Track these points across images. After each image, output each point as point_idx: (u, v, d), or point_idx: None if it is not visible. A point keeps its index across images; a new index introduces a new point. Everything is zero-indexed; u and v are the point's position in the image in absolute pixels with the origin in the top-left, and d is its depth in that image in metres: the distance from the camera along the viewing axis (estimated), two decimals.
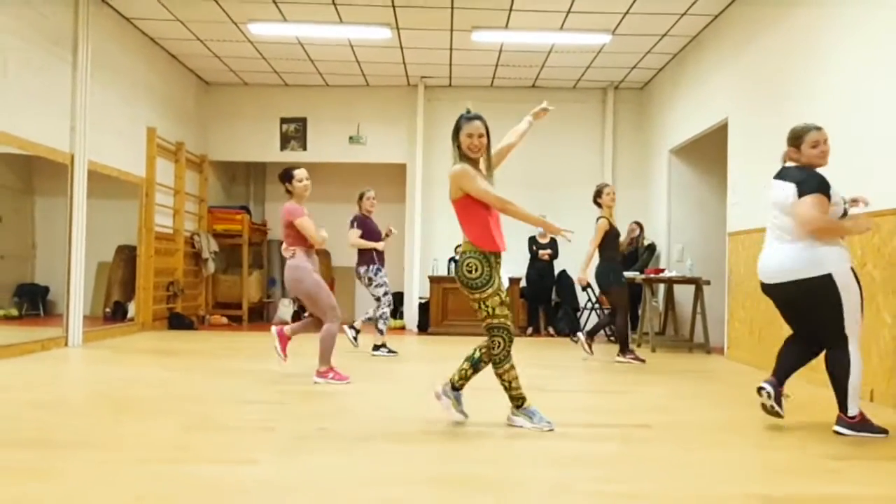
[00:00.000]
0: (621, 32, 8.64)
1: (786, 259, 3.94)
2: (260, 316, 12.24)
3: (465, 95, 10.98)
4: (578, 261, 7.54)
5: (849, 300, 3.85)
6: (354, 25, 8.54)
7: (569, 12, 8.07)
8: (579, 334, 7.46)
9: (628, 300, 7.30)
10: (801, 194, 3.85)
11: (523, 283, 10.29)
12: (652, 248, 9.83)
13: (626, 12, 8.02)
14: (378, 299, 7.37)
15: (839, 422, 3.92)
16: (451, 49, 9.46)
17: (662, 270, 8.84)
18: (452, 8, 8.03)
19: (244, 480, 2.88)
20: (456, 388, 4.09)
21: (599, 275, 7.27)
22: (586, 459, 3.34)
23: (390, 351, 7.33)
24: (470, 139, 3.97)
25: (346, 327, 7.14)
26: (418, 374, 6.28)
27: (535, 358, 7.35)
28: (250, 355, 6.76)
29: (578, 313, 10.33)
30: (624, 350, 7.19)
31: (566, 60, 9.82)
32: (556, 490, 2.84)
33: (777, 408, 4.08)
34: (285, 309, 11.75)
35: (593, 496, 2.78)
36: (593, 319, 10.28)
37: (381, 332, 7.38)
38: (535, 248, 10.12)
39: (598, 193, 7.21)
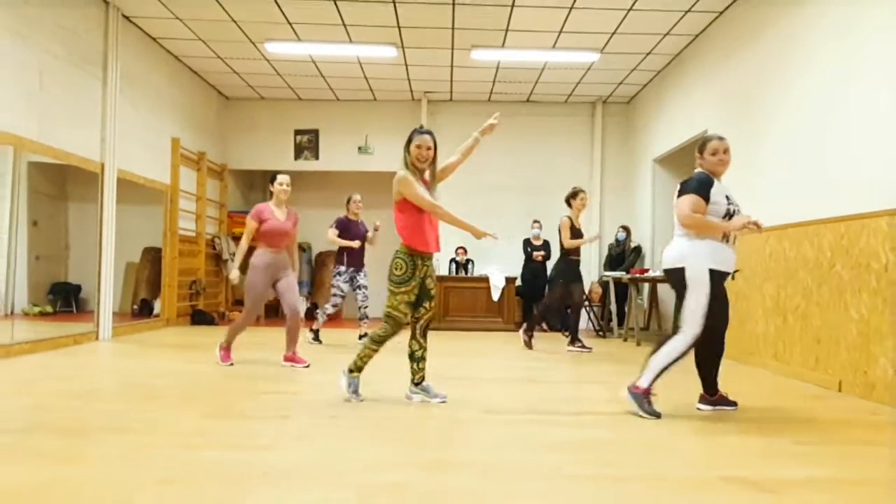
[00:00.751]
0: (609, 51, 8.66)
1: (668, 250, 4.10)
2: (276, 312, 12.24)
3: (465, 109, 11.03)
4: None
5: (692, 297, 3.90)
6: (363, 45, 8.57)
7: (561, 32, 8.08)
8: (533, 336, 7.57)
9: (567, 296, 7.37)
10: (680, 193, 4.01)
11: (518, 283, 10.30)
12: (638, 250, 9.84)
13: (614, 32, 8.04)
14: (333, 295, 7.47)
15: (629, 388, 4.07)
16: (452, 66, 9.47)
17: (647, 270, 8.85)
18: (453, 28, 8.05)
19: (261, 464, 2.89)
20: (417, 383, 4.33)
21: (554, 267, 7.42)
22: (576, 445, 3.35)
23: (316, 338, 7.54)
24: (419, 150, 4.14)
25: (307, 331, 7.52)
26: None
27: (527, 351, 7.35)
28: (267, 349, 6.77)
29: (569, 310, 10.31)
30: (573, 340, 7.44)
31: (558, 77, 9.83)
32: (547, 473, 2.85)
33: (724, 407, 4.22)
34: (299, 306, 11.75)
35: (582, 479, 2.79)
36: (583, 316, 10.28)
37: (318, 320, 7.62)
38: (529, 249, 10.13)
39: (572, 195, 7.28)
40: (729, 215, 3.94)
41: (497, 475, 2.81)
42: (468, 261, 10.63)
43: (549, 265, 10.26)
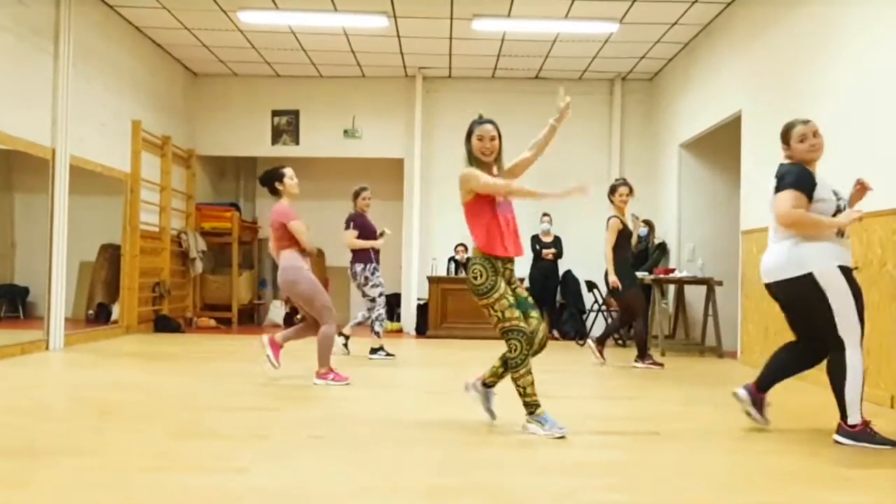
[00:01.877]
0: (629, 21, 8.65)
1: (773, 258, 4.01)
2: (250, 318, 12.26)
3: (465, 87, 11.03)
4: (583, 260, 7.53)
5: (836, 300, 3.81)
6: (350, 13, 8.55)
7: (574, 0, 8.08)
8: (589, 341, 7.45)
9: (645, 302, 7.29)
10: (777, 190, 3.93)
11: (526, 284, 10.29)
12: (663, 247, 9.83)
13: (635, 0, 8.04)
14: (373, 300, 7.40)
15: (839, 430, 3.92)
16: (450, 38, 9.46)
17: (673, 270, 8.85)
18: None
19: (234, 490, 2.89)
20: (486, 384, 4.32)
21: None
22: (592, 467, 3.35)
23: (388, 354, 7.35)
24: (481, 142, 4.07)
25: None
26: (416, 379, 6.29)
27: (539, 362, 7.32)
28: (240, 359, 6.77)
29: (584, 316, 10.32)
30: (643, 355, 7.21)
31: (571, 50, 9.82)
32: (560, 499, 2.85)
33: (756, 415, 4.15)
34: (276, 311, 11.76)
35: None
36: (600, 322, 10.30)
37: (377, 334, 7.40)
38: (538, 247, 10.12)
39: (611, 191, 7.25)
40: (839, 212, 3.89)
41: (501, 501, 2.81)
42: (469, 259, 10.62)
43: (561, 265, 10.32)
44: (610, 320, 10.04)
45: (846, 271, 3.86)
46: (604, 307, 10.07)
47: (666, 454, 3.63)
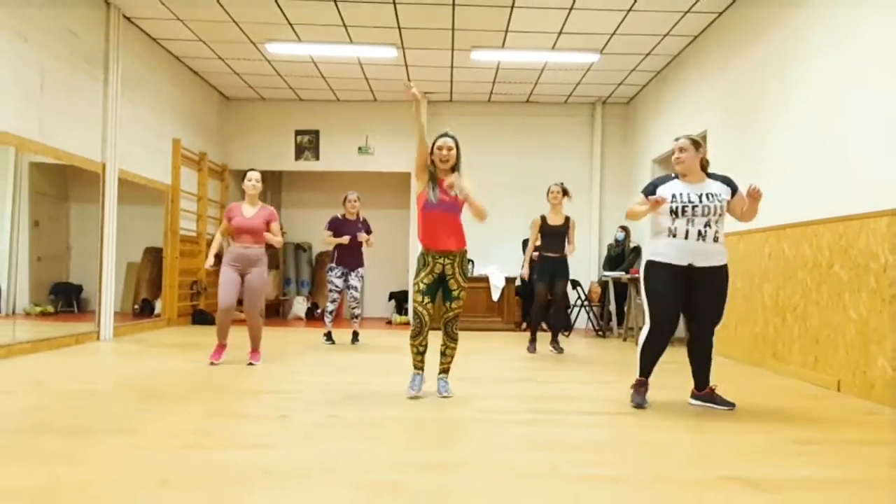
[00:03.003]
0: (609, 52, 8.65)
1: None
2: (276, 312, 12.27)
3: (465, 110, 11.03)
4: (571, 262, 7.52)
5: (642, 288, 4.25)
6: (363, 45, 8.56)
7: (560, 33, 8.08)
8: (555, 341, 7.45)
9: (539, 295, 7.30)
10: None
11: (518, 283, 10.29)
12: (637, 250, 9.82)
13: (613, 33, 8.04)
14: (329, 292, 7.55)
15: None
16: (452, 67, 9.47)
17: None
18: (453, 29, 8.05)
19: (261, 464, 2.89)
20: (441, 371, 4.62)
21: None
22: (575, 444, 3.35)
23: (328, 339, 7.53)
24: (440, 151, 4.37)
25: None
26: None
27: (527, 351, 7.35)
28: (267, 348, 6.77)
29: (569, 310, 10.32)
30: (533, 340, 7.33)
31: (558, 77, 9.83)
32: (546, 473, 2.85)
33: (715, 406, 4.26)
34: (299, 306, 11.78)
35: (581, 479, 2.79)
36: (583, 316, 10.29)
37: (325, 322, 7.67)
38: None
39: (547, 192, 7.28)
40: (673, 213, 4.14)
41: (496, 475, 2.81)
42: (469, 261, 10.62)
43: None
44: (591, 314, 10.04)
45: (657, 266, 4.15)
46: (586, 303, 10.07)
47: (642, 432, 3.63)
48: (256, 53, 8.99)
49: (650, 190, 4.31)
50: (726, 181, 4.25)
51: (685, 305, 4.19)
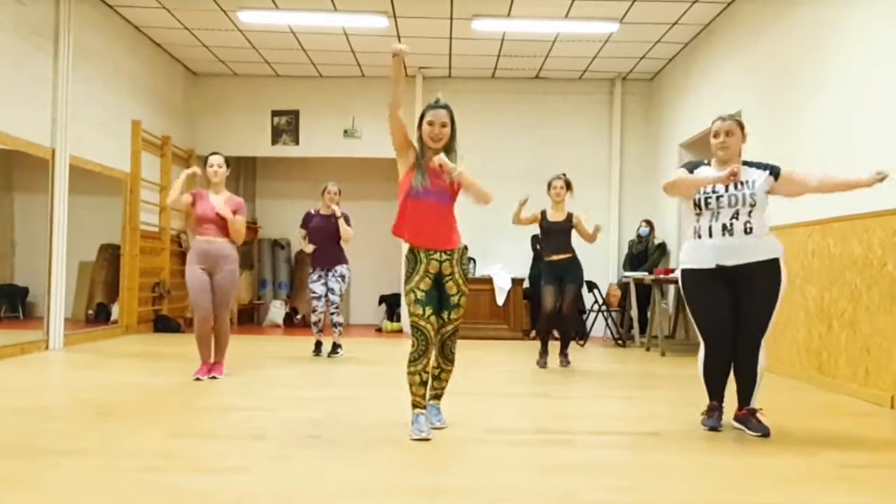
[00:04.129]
0: (630, 21, 8.66)
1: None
2: (250, 318, 12.27)
3: (465, 87, 11.03)
4: (583, 261, 7.51)
5: (685, 302, 4.26)
6: (350, 13, 8.55)
7: None
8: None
9: (546, 302, 7.24)
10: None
11: (526, 284, 10.30)
12: (663, 247, 9.84)
13: (635, 0, 8.04)
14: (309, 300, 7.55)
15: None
16: (450, 38, 9.47)
17: (673, 270, 8.85)
18: None
19: (233, 490, 2.90)
20: (432, 396, 4.15)
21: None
22: (593, 467, 3.36)
23: (315, 351, 7.51)
24: (431, 127, 3.96)
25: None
26: None
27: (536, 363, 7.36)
28: (241, 359, 6.77)
29: (585, 316, 10.33)
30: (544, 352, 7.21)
31: (571, 50, 9.83)
32: (561, 500, 2.86)
33: (747, 430, 4.17)
34: (276, 311, 11.78)
35: None
36: (600, 322, 10.30)
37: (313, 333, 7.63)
38: (538, 246, 10.11)
39: (547, 187, 7.28)
40: (701, 203, 4.16)
41: (502, 502, 2.82)
42: (469, 259, 10.63)
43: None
44: (609, 320, 10.05)
45: (691, 273, 4.17)
46: (603, 307, 10.08)
47: (666, 454, 3.64)
48: (227, 23, 8.99)
49: (690, 168, 4.32)
50: (765, 167, 4.22)
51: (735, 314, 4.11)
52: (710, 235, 4.07)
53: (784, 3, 6.83)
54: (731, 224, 4.03)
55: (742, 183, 4.10)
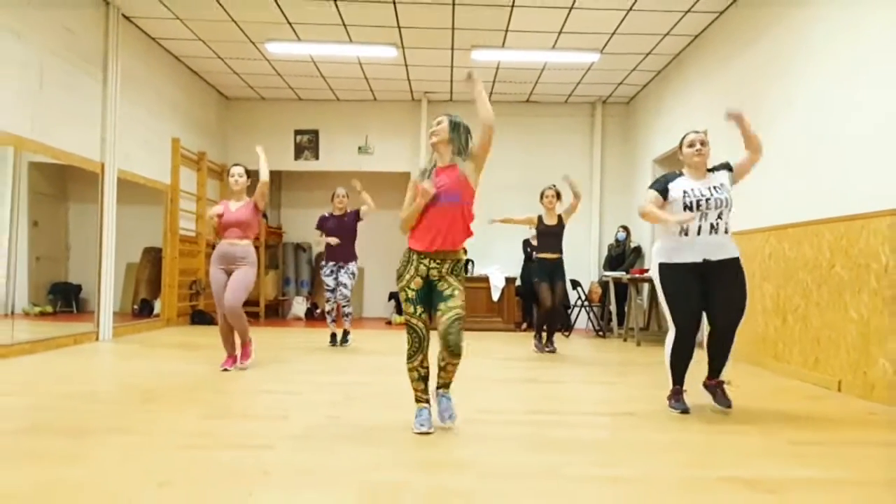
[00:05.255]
0: (609, 51, 8.66)
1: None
2: (275, 312, 12.27)
3: (465, 109, 10.92)
4: (567, 260, 7.55)
5: (660, 292, 4.19)
6: (363, 45, 8.57)
7: (560, 32, 8.09)
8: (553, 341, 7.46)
9: (544, 296, 7.30)
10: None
11: (518, 283, 10.31)
12: (638, 250, 9.84)
13: (614, 32, 8.04)
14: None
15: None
16: (452, 66, 9.47)
17: (647, 270, 8.84)
18: (453, 29, 8.05)
19: (261, 464, 2.90)
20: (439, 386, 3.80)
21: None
22: (576, 445, 3.36)
23: (331, 341, 7.49)
24: (431, 130, 3.77)
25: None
26: None
27: (528, 351, 7.36)
28: (266, 349, 6.78)
29: (569, 310, 10.32)
30: (539, 338, 7.38)
31: (558, 77, 9.84)
32: (546, 474, 2.86)
33: (714, 402, 4.22)
34: (299, 306, 11.78)
35: (581, 480, 2.80)
36: (583, 316, 10.29)
37: (328, 323, 7.62)
38: (528, 249, 10.12)
39: (540, 196, 7.33)
40: (686, 208, 4.09)
41: (496, 476, 2.82)
42: (468, 260, 10.64)
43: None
44: (591, 314, 10.05)
45: (670, 268, 4.12)
46: (586, 303, 10.07)
47: (642, 433, 3.64)
48: (256, 53, 9.00)
49: (661, 186, 4.19)
50: (722, 167, 4.27)
51: (705, 303, 4.11)
52: (699, 233, 4.05)
53: (748, 33, 6.83)
54: (717, 223, 4.06)
55: (719, 186, 4.12)
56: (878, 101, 4.74)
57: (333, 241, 7.22)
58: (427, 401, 3.69)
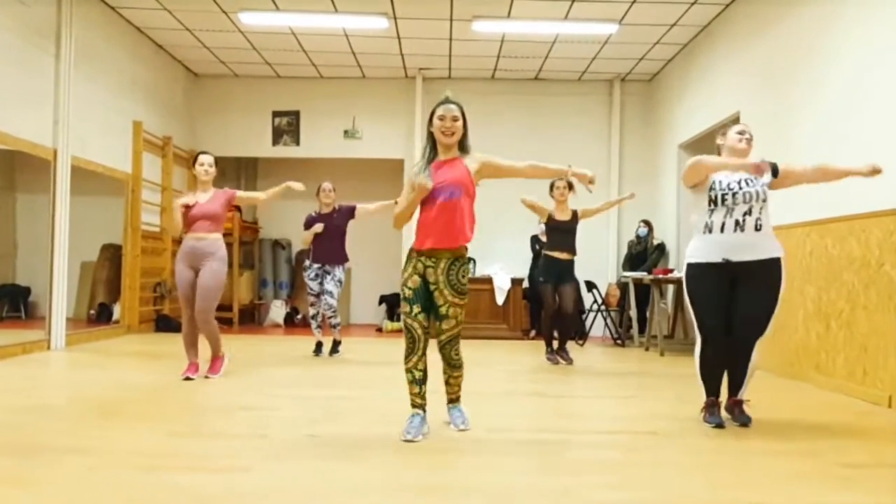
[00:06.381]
0: (629, 22, 8.66)
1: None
2: (251, 318, 12.26)
3: (465, 88, 11.01)
4: (582, 261, 7.57)
5: (685, 295, 4.30)
6: (350, 15, 8.55)
7: (574, 0, 8.08)
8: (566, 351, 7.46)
9: (547, 300, 7.34)
10: None
11: (525, 284, 10.29)
12: (661, 247, 9.83)
13: (634, 0, 8.04)
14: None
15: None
16: (450, 39, 9.47)
17: (671, 271, 8.85)
18: None
19: (236, 488, 2.90)
20: (450, 401, 4.18)
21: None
22: (591, 466, 3.35)
23: (315, 351, 7.50)
24: (442, 122, 3.84)
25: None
26: None
27: (536, 361, 7.36)
28: (240, 359, 6.77)
29: (584, 315, 10.32)
30: (550, 348, 7.38)
31: (571, 51, 9.83)
32: (559, 498, 2.85)
33: (734, 420, 4.29)
34: (277, 311, 11.78)
35: None
36: (599, 322, 10.29)
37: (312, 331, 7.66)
38: (537, 247, 10.11)
39: (550, 188, 7.37)
40: (716, 200, 4.19)
41: (498, 501, 2.82)
42: (470, 259, 10.62)
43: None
44: (608, 320, 10.05)
45: (695, 268, 4.20)
46: (602, 307, 10.07)
47: (664, 453, 3.63)
48: (228, 24, 8.99)
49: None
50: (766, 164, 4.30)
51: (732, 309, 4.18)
52: (722, 231, 4.13)
53: (781, 5, 6.82)
54: (744, 220, 4.11)
55: (752, 179, 4.19)
56: None
57: (319, 227, 7.22)
58: (421, 406, 3.92)
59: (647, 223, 9.98)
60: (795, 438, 3.99)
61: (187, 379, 5.53)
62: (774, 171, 4.17)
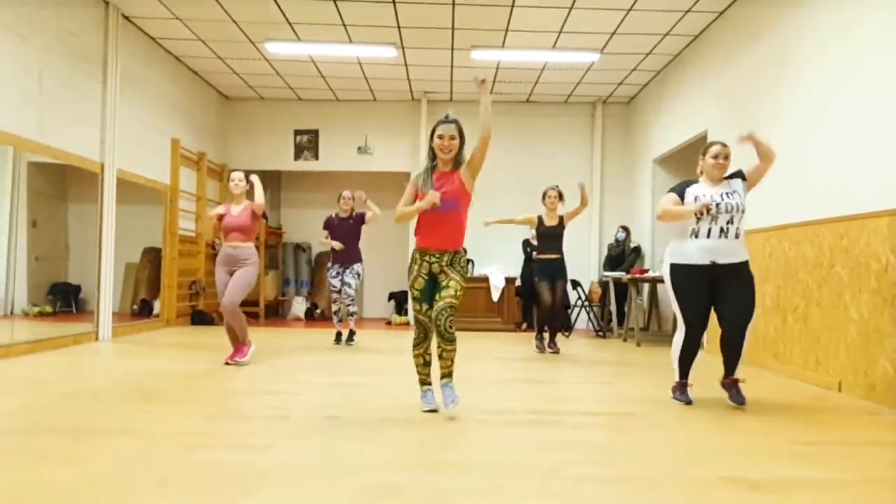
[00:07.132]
0: (609, 51, 8.65)
1: None
2: (275, 312, 12.26)
3: (465, 109, 10.92)
4: (570, 262, 7.55)
5: (670, 291, 4.36)
6: (363, 45, 8.56)
7: (560, 32, 8.08)
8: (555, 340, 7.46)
9: (544, 295, 7.31)
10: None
11: (518, 283, 10.30)
12: (638, 250, 9.83)
13: (614, 32, 8.03)
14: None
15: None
16: (451, 66, 9.47)
17: (647, 271, 8.84)
18: (453, 29, 8.05)
19: (261, 464, 2.89)
20: (442, 376, 4.04)
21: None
22: (576, 445, 3.35)
23: (336, 340, 7.60)
24: (441, 140, 3.90)
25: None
26: None
27: (527, 351, 7.35)
28: (265, 349, 6.76)
29: (570, 310, 10.32)
30: (540, 338, 7.40)
31: (558, 77, 9.83)
32: (547, 474, 2.85)
33: (729, 399, 4.37)
34: (299, 306, 11.77)
35: (582, 479, 2.79)
36: (583, 316, 10.29)
37: (334, 324, 7.75)
38: (528, 249, 10.11)
39: (542, 196, 7.31)
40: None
41: (496, 476, 2.81)
42: (468, 260, 10.63)
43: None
44: (591, 315, 10.04)
45: (680, 268, 4.27)
46: (586, 303, 10.06)
47: (642, 433, 3.63)
48: (256, 53, 8.99)
49: (680, 189, 4.40)
50: (736, 175, 4.42)
51: (715, 305, 4.29)
52: (709, 236, 4.21)
53: (746, 34, 6.82)
54: (727, 227, 4.21)
55: (732, 192, 4.29)
56: (879, 101, 4.74)
57: (338, 245, 7.37)
58: (430, 384, 4.09)
59: (625, 228, 9.98)
60: (757, 420, 3.98)
61: (227, 363, 5.70)
62: (743, 177, 4.38)
